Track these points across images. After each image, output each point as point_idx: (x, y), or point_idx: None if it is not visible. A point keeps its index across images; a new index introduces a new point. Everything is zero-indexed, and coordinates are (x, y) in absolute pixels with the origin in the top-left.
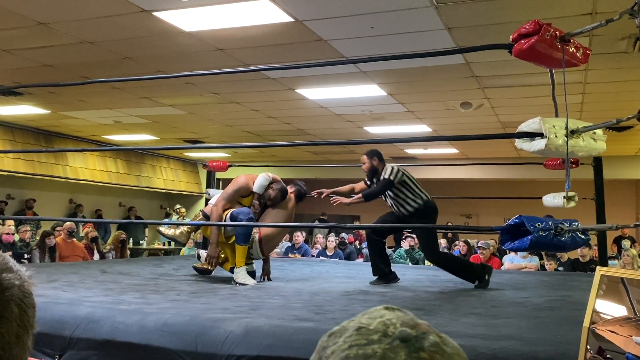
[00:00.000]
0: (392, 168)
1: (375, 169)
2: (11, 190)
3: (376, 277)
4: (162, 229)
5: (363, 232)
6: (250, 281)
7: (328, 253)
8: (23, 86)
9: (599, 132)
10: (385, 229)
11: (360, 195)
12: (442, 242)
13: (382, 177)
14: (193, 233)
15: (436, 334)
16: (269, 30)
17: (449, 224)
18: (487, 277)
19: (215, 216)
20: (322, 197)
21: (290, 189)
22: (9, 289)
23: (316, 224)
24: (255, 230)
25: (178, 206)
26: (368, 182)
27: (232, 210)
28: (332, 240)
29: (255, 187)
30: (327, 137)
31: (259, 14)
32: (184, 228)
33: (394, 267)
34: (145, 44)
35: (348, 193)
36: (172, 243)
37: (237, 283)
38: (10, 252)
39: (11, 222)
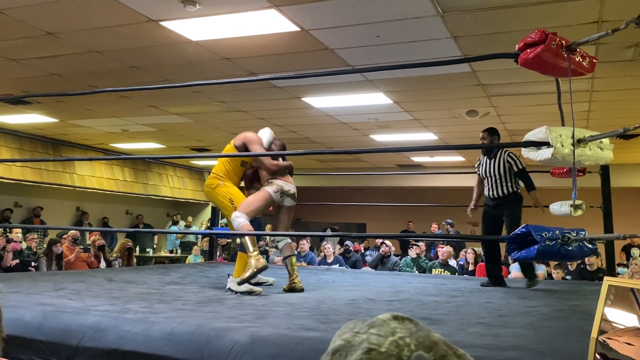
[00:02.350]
0: (519, 157)
1: (492, 148)
2: (19, 198)
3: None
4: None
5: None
6: (256, 289)
7: (328, 260)
8: (31, 95)
9: (606, 141)
10: (490, 233)
11: (534, 192)
12: (451, 249)
13: (517, 167)
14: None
15: (456, 354)
16: (275, 39)
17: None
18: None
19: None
20: (474, 211)
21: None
22: None
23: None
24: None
25: (177, 213)
26: (481, 173)
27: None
28: (329, 247)
29: (266, 141)
30: (333, 145)
31: (266, 24)
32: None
33: (401, 276)
34: (152, 53)
35: (480, 196)
36: (179, 251)
37: (237, 292)
38: (17, 260)
39: (19, 230)
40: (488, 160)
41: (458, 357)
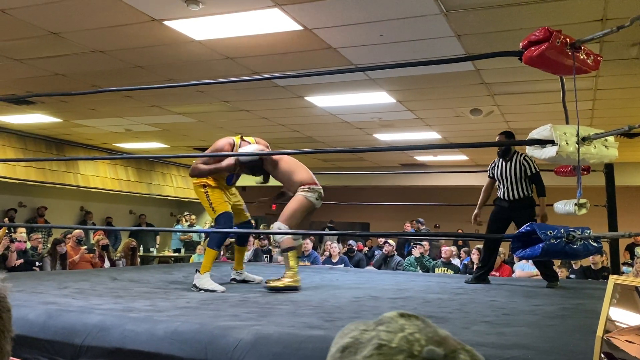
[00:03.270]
0: (533, 161)
1: (509, 149)
2: (23, 198)
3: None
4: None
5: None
6: (218, 287)
7: (333, 260)
8: (35, 95)
9: (611, 139)
10: (497, 232)
11: (544, 198)
12: (454, 248)
13: (531, 171)
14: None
15: (464, 350)
16: (278, 38)
17: (460, 231)
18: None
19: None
20: (478, 220)
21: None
22: None
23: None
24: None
25: (186, 213)
26: (491, 174)
27: (218, 216)
28: (335, 246)
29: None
30: (337, 144)
31: (269, 23)
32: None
33: (404, 275)
34: (155, 53)
35: (486, 201)
36: (182, 250)
37: (200, 289)
38: (22, 260)
39: (23, 230)
40: (504, 163)
41: (467, 352)
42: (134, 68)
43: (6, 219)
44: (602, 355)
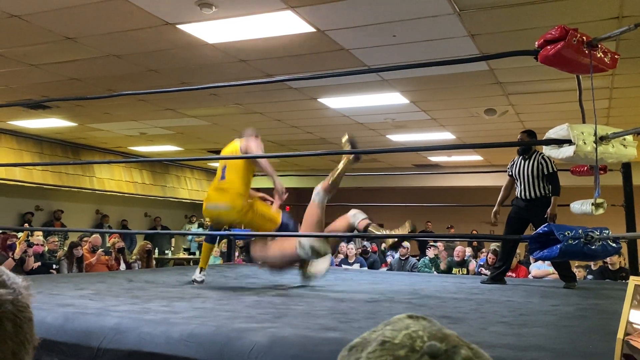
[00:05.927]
0: (552, 160)
1: (530, 147)
2: (40, 202)
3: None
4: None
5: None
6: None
7: (349, 261)
8: (51, 100)
9: (629, 138)
10: (514, 233)
11: (556, 197)
12: (468, 250)
13: (548, 170)
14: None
15: (467, 346)
16: (291, 40)
17: (474, 232)
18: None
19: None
20: (497, 217)
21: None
22: (2, 306)
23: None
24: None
25: (193, 216)
26: (510, 173)
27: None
28: (352, 247)
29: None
30: None
31: (282, 25)
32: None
33: (419, 276)
34: (169, 56)
35: (505, 200)
36: (197, 252)
37: (193, 281)
38: (39, 263)
39: (40, 233)
40: (523, 161)
41: (470, 350)
42: (148, 72)
43: (26, 224)
44: (623, 358)
